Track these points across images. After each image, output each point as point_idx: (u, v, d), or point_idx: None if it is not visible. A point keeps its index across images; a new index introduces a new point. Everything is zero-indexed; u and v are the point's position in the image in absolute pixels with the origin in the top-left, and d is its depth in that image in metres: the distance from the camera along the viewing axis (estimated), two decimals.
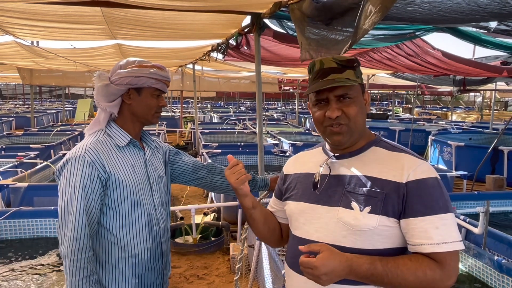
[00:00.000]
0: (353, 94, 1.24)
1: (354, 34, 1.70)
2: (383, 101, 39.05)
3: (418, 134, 11.46)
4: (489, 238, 3.70)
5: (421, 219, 1.14)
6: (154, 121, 1.68)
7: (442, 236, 1.13)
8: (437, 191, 1.17)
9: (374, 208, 1.17)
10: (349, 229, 1.19)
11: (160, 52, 6.86)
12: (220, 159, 7.96)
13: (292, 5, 2.50)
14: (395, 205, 1.16)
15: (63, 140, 9.26)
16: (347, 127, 1.24)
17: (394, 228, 1.18)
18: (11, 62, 9.12)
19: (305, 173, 1.38)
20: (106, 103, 1.61)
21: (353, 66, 1.25)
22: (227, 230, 4.63)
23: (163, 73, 1.63)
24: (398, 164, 1.20)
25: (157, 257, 1.68)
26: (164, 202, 1.76)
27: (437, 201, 1.16)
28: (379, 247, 1.18)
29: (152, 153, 1.75)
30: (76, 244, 1.44)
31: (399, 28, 3.17)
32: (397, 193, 1.16)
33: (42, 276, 3.59)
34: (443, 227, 1.13)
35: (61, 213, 1.48)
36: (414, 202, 1.15)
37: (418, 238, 1.14)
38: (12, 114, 18.46)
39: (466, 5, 1.86)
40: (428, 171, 1.19)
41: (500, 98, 27.88)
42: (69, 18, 3.74)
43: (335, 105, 1.23)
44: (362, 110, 1.27)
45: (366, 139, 1.30)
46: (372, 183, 1.20)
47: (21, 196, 4.99)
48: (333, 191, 1.26)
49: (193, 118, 12.38)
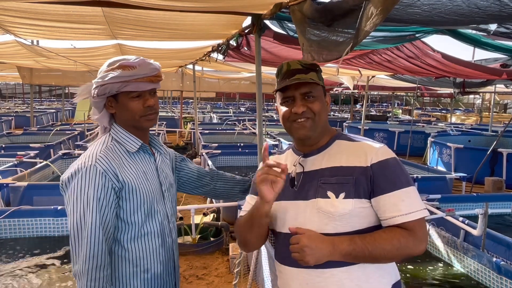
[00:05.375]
0: (316, 93, 1.37)
1: (356, 35, 1.71)
2: (382, 103, 39.08)
3: (418, 136, 11.47)
4: (488, 240, 3.71)
5: (389, 195, 1.27)
6: (145, 124, 1.51)
7: (408, 207, 1.26)
8: (398, 169, 1.31)
9: (347, 193, 1.29)
10: (329, 217, 1.29)
11: (161, 52, 6.87)
12: (220, 160, 7.97)
13: (292, 6, 2.50)
14: (365, 187, 1.29)
15: (63, 140, 9.27)
16: (312, 121, 1.35)
17: (368, 208, 1.30)
18: (12, 61, 9.13)
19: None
20: (96, 115, 1.51)
21: (316, 69, 1.39)
22: (226, 230, 4.64)
23: (130, 72, 1.41)
24: (361, 151, 1.33)
25: (170, 271, 1.57)
26: (175, 211, 1.66)
27: (399, 177, 1.29)
28: (358, 228, 1.29)
29: (162, 159, 1.64)
30: (93, 262, 1.31)
31: (399, 30, 3.18)
32: (365, 175, 1.29)
33: (42, 275, 3.60)
34: (408, 199, 1.27)
35: (74, 230, 1.34)
36: (380, 181, 1.28)
37: (389, 212, 1.27)
38: (11, 113, 18.43)
39: (466, 7, 1.86)
40: (386, 152, 1.33)
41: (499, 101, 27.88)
42: (70, 18, 3.74)
43: (300, 102, 1.35)
44: (325, 108, 1.40)
45: (329, 135, 1.43)
46: (342, 171, 1.32)
47: (21, 195, 4.99)
48: (309, 186, 1.36)
49: (193, 119, 12.38)
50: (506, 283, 3.07)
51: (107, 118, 1.53)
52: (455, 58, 4.94)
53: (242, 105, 32.02)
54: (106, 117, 1.52)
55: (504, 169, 8.06)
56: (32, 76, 12.14)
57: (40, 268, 3.71)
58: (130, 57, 1.47)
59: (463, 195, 6.33)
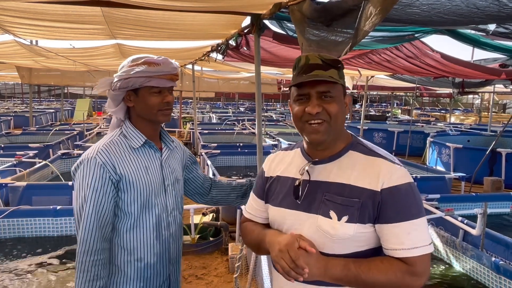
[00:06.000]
0: (335, 93, 1.23)
1: (355, 35, 1.71)
2: (382, 103, 39.11)
3: (417, 136, 11.48)
4: (487, 239, 3.71)
5: (394, 225, 1.18)
6: (161, 119, 1.59)
7: (413, 241, 1.16)
8: (410, 198, 1.19)
9: (351, 217, 1.19)
10: (328, 237, 1.21)
11: (160, 52, 6.86)
12: (219, 160, 7.97)
13: (292, 6, 2.51)
14: (371, 212, 1.19)
15: (62, 140, 9.26)
16: (327, 124, 1.22)
17: (370, 233, 1.21)
18: (11, 61, 9.12)
19: (285, 177, 1.36)
20: (113, 108, 1.59)
21: (337, 67, 1.24)
22: (225, 230, 4.64)
23: (153, 69, 1.52)
24: (374, 170, 1.21)
25: (164, 263, 1.63)
26: (180, 206, 1.72)
27: (410, 207, 1.18)
28: (356, 250, 1.22)
29: (171, 153, 1.70)
30: (84, 247, 1.42)
31: (398, 30, 3.19)
32: (372, 200, 1.19)
33: (40, 275, 3.59)
34: (414, 233, 1.17)
35: (76, 215, 1.48)
36: (388, 209, 1.18)
37: (391, 244, 1.18)
38: (10, 113, 18.40)
39: (465, 7, 1.87)
40: (402, 177, 1.21)
41: (498, 101, 27.94)
42: (69, 18, 3.74)
43: (316, 101, 1.21)
44: (343, 111, 1.26)
45: (344, 141, 1.30)
46: (349, 191, 1.21)
47: (20, 195, 4.98)
48: (313, 198, 1.27)
49: (192, 119, 12.37)
50: (505, 283, 3.07)
51: (123, 111, 1.61)
52: (454, 58, 4.95)
53: (241, 105, 32.02)
54: (123, 110, 1.60)
55: (503, 169, 8.07)
56: (31, 76, 12.14)
57: (39, 268, 3.70)
58: (153, 56, 1.58)
59: (462, 195, 6.34)
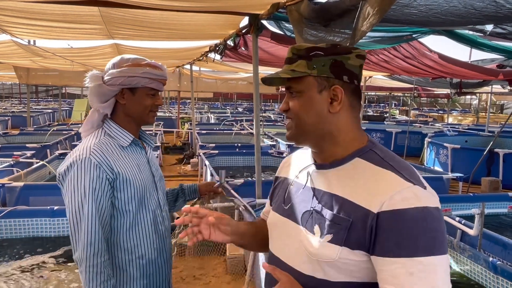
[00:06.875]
0: (299, 87, 1.04)
1: (352, 36, 1.72)
2: (380, 103, 39.20)
3: (415, 136, 11.51)
4: (484, 239, 3.72)
5: (391, 261, 0.89)
6: (150, 120, 1.64)
7: (416, 285, 0.86)
8: (418, 227, 0.88)
9: (335, 238, 0.96)
10: (308, 256, 1.01)
11: (158, 52, 6.86)
12: (217, 160, 7.96)
13: (290, 7, 2.51)
14: (360, 238, 0.93)
15: (59, 140, 9.23)
16: (293, 123, 1.08)
17: (363, 262, 0.95)
18: (8, 61, 9.10)
19: (287, 179, 1.23)
20: (99, 103, 1.57)
21: (309, 56, 1.03)
22: None
23: (158, 72, 1.57)
24: (375, 185, 0.96)
25: (164, 257, 1.66)
26: (166, 202, 1.77)
27: (416, 239, 0.88)
28: (343, 280, 0.97)
29: (152, 152, 1.75)
30: (91, 249, 1.40)
31: (396, 30, 3.19)
32: (363, 223, 0.93)
33: (38, 276, 3.58)
34: (419, 274, 0.86)
35: (73, 220, 1.43)
36: (384, 238, 0.90)
37: (386, 283, 0.90)
38: (8, 113, 18.37)
39: (463, 7, 1.87)
40: (411, 198, 0.90)
41: (496, 101, 28.02)
42: (67, 18, 3.74)
43: (286, 98, 1.10)
44: (312, 107, 1.04)
45: (349, 147, 1.05)
46: (340, 206, 0.98)
47: (17, 196, 4.97)
48: (303, 206, 1.08)
49: (190, 119, 12.37)
50: (502, 283, 3.08)
51: (111, 107, 1.60)
52: (452, 59, 4.96)
53: (239, 105, 32.01)
54: (112, 106, 1.60)
55: (500, 169, 8.09)
56: (29, 76, 12.12)
57: (36, 269, 3.69)
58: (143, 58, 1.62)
59: (459, 195, 6.35)
